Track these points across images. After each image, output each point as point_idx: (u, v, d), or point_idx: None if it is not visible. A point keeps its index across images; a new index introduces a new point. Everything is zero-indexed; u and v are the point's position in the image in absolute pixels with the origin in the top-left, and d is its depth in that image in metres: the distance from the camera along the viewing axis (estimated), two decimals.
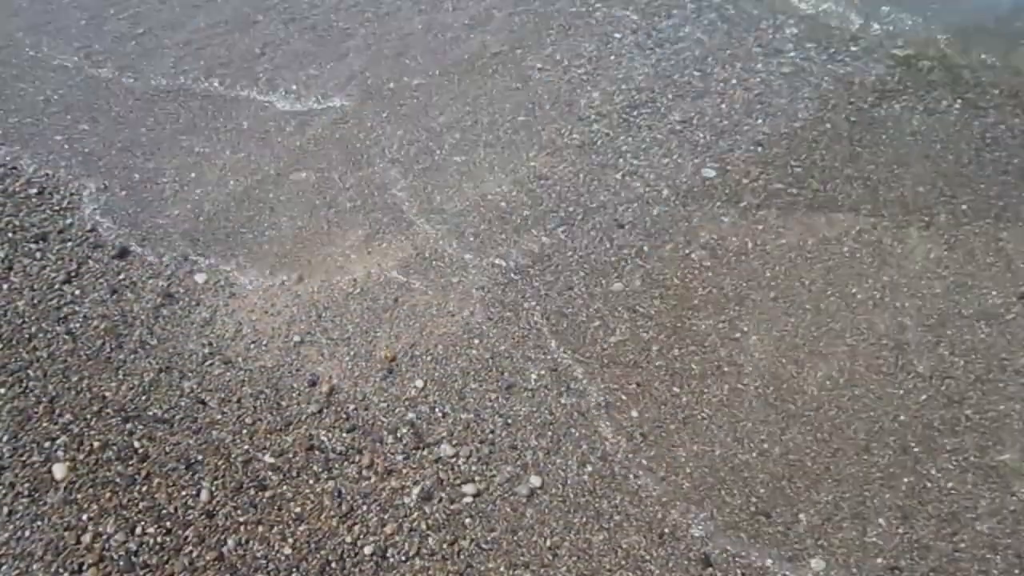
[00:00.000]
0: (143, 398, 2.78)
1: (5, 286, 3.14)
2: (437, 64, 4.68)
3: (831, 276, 3.29)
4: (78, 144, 3.98)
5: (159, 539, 2.36)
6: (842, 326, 3.08)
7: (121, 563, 2.28)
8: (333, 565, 2.33)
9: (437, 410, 2.80)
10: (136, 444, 2.62)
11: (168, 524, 2.40)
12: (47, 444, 2.58)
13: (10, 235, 3.37)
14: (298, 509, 2.48)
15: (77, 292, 3.16)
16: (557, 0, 5.22)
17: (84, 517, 2.39)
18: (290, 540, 2.39)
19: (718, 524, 2.47)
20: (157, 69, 4.60)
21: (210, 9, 5.24)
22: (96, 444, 2.60)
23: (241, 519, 2.44)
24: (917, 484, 2.57)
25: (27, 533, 2.33)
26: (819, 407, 2.80)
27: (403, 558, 2.36)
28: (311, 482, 2.56)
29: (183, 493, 2.49)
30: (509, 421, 2.77)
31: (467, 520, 2.48)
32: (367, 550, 2.38)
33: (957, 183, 3.73)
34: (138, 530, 2.37)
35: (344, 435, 2.71)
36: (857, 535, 2.44)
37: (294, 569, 2.32)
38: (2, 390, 2.74)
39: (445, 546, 2.40)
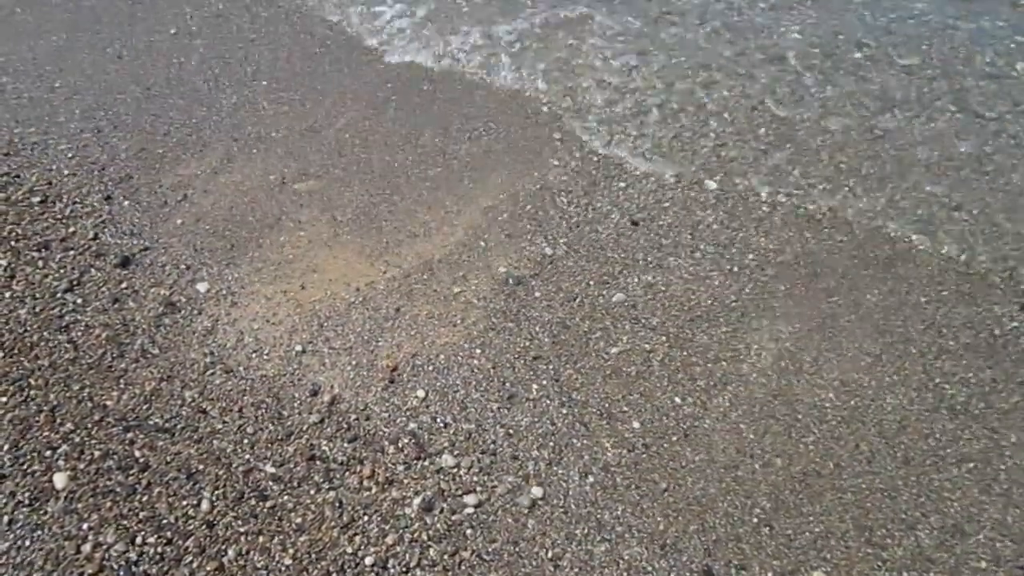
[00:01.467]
0: (144, 407, 2.78)
1: (7, 294, 3.14)
2: (451, 77, 4.70)
3: (835, 285, 3.29)
4: (82, 153, 3.99)
5: (159, 549, 2.35)
6: (846, 336, 3.08)
7: (121, 573, 2.27)
8: None
9: (439, 420, 2.79)
10: (137, 453, 2.62)
11: (168, 534, 2.39)
12: (48, 453, 2.58)
13: (12, 243, 3.38)
14: (299, 519, 2.47)
15: (79, 301, 3.16)
16: None
17: (84, 527, 2.38)
18: (291, 550, 2.38)
19: (720, 535, 2.46)
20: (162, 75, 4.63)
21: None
22: (97, 453, 2.59)
23: (242, 529, 2.43)
24: (920, 495, 2.56)
25: (27, 543, 2.32)
26: (822, 418, 2.80)
27: (404, 569, 2.35)
28: (312, 492, 2.55)
29: (184, 503, 2.48)
30: (511, 431, 2.76)
31: (468, 531, 2.47)
32: (368, 561, 2.37)
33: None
34: (138, 540, 2.36)
35: (345, 445, 2.70)
36: (860, 547, 2.43)
37: None
38: (3, 399, 2.73)
39: (446, 557, 2.39)
